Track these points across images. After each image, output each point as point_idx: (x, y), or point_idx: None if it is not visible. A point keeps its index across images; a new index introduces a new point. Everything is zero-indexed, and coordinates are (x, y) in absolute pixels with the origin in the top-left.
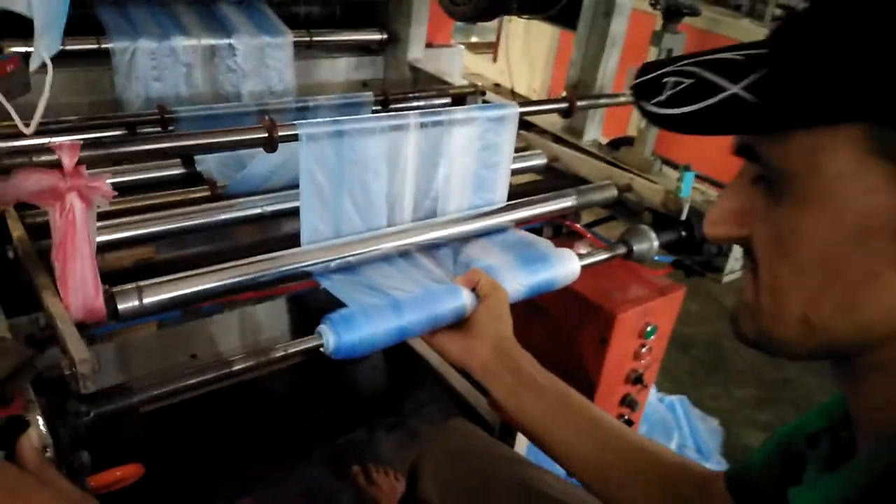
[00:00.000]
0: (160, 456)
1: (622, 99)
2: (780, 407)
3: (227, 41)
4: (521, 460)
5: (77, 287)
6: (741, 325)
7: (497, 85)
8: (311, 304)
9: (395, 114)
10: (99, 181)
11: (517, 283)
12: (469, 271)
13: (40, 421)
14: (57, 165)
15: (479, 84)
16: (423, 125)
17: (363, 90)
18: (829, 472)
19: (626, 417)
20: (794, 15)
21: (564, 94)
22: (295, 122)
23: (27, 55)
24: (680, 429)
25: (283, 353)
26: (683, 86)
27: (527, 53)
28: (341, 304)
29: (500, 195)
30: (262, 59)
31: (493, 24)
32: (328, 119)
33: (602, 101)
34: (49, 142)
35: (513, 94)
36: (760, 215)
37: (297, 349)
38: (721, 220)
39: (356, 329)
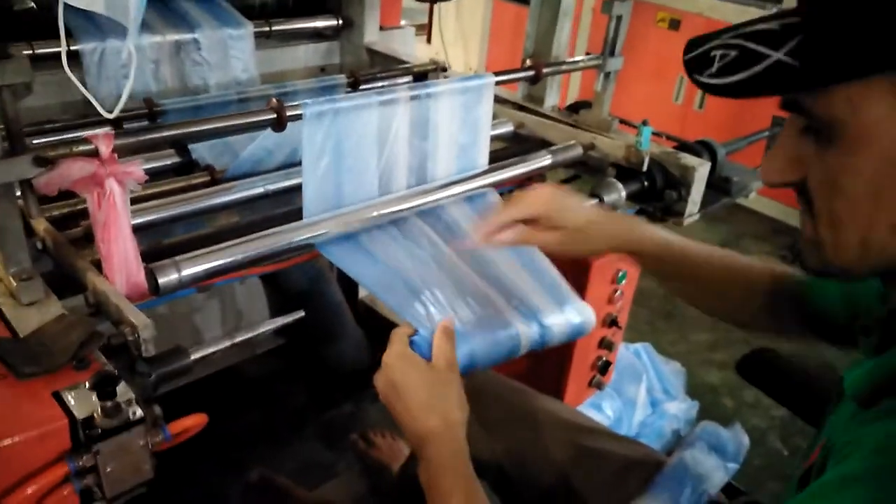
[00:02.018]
0: None
1: (582, 64)
2: (733, 347)
3: (191, 36)
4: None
5: (121, 265)
6: (806, 260)
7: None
8: (286, 286)
9: (387, 88)
10: (133, 166)
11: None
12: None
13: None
14: (91, 155)
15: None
16: (413, 98)
17: (321, 75)
18: (875, 356)
19: (604, 358)
20: None
21: (529, 62)
22: (298, 103)
23: (31, 57)
24: (647, 372)
25: None
26: (730, 57)
27: (460, 33)
28: (319, 285)
29: (482, 160)
30: (226, 51)
31: (424, 5)
32: (329, 98)
33: (565, 67)
34: (85, 134)
35: None
36: (812, 160)
37: None
38: (777, 168)
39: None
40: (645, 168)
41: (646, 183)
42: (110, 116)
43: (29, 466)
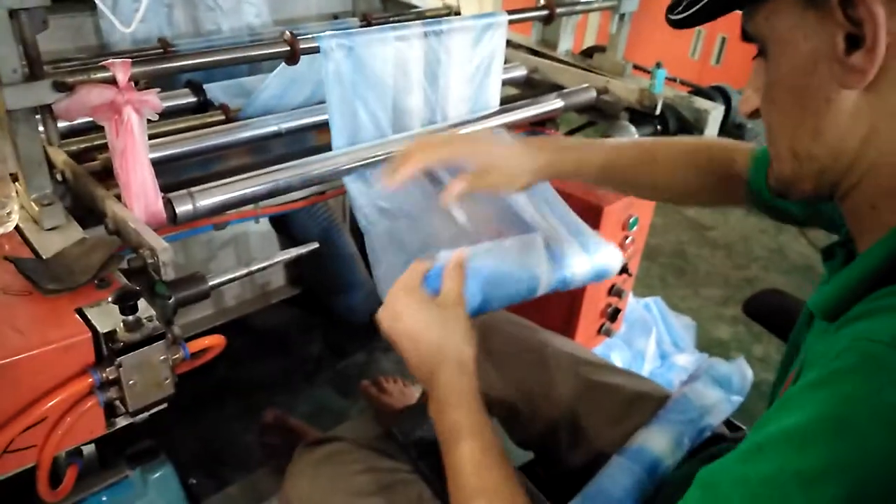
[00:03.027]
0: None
1: (596, 5)
2: None
3: None
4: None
5: (140, 193)
6: (768, 181)
7: None
8: (299, 236)
9: (400, 24)
10: (150, 94)
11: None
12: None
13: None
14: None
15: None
16: (426, 34)
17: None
18: None
19: (614, 306)
20: None
21: (543, 2)
22: (313, 35)
23: None
24: (657, 326)
25: None
26: None
27: None
28: (331, 235)
29: (494, 101)
30: None
31: None
32: (344, 32)
33: (579, 7)
34: (104, 61)
35: None
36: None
37: None
38: (745, 98)
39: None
40: (658, 112)
41: (659, 127)
42: (127, 31)
43: (55, 379)
